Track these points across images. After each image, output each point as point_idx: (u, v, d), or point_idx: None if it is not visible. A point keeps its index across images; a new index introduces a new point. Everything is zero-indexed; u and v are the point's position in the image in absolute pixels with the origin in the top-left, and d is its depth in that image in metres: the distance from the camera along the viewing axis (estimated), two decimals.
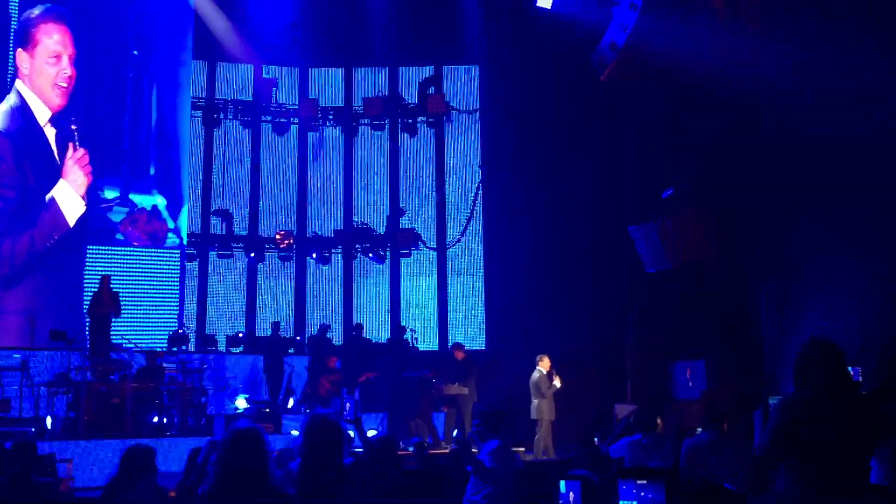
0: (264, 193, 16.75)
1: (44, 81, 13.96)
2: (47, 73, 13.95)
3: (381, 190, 16.94)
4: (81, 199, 14.06)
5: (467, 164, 16.79)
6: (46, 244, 13.75)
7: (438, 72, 17.04)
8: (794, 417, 3.80)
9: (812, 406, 3.80)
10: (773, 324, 12.26)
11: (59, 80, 13.96)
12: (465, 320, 16.21)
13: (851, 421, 3.76)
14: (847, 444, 3.74)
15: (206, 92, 16.53)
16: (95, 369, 10.82)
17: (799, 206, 11.52)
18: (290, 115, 16.90)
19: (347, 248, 16.64)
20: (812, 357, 3.91)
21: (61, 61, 14.00)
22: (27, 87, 13.94)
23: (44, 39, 13.96)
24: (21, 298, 13.57)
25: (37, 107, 13.97)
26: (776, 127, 11.73)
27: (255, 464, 3.56)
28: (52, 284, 13.77)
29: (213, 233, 16.24)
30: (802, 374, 3.93)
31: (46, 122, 14.04)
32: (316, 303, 16.50)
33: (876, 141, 10.04)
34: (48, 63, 13.96)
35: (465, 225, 16.54)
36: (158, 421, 10.97)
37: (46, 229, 13.77)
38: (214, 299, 16.06)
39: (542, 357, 11.94)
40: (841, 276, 10.90)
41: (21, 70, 13.92)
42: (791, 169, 11.41)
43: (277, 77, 16.90)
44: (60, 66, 13.99)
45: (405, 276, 16.60)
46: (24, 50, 13.94)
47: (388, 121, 17.04)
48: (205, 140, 16.46)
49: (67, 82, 14.04)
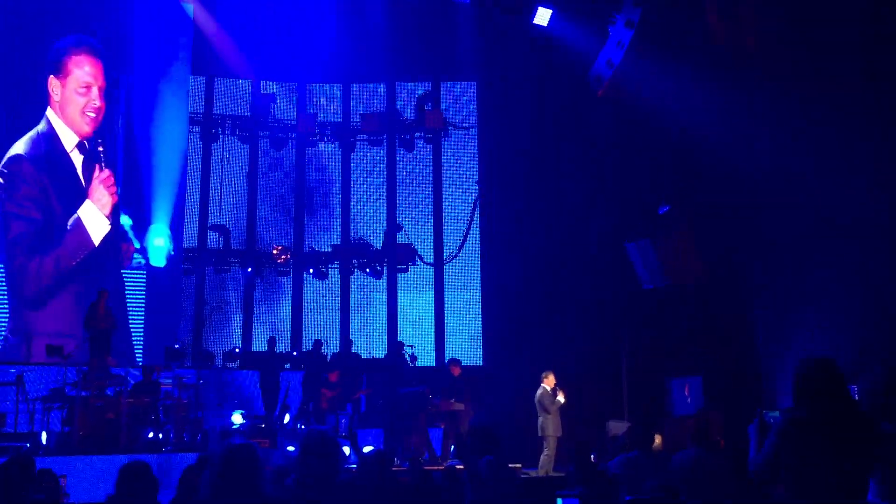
0: (262, 208, 16.77)
1: (73, 110, 14.29)
2: (77, 102, 14.29)
3: (379, 205, 16.96)
4: (106, 218, 14.22)
5: (464, 179, 16.82)
6: (72, 263, 13.83)
7: (436, 88, 17.12)
8: (793, 437, 3.80)
9: (811, 425, 3.80)
10: (768, 341, 12.28)
11: (89, 109, 14.31)
12: (462, 336, 16.19)
13: (850, 440, 3.75)
14: (845, 463, 3.73)
15: (204, 107, 16.58)
16: (90, 384, 10.79)
17: (794, 222, 11.58)
18: (288, 130, 16.94)
19: (344, 263, 16.65)
20: (810, 376, 3.91)
21: (91, 92, 14.34)
22: (56, 114, 14.25)
23: (75, 70, 14.32)
24: (51, 319, 13.55)
25: (64, 134, 14.24)
26: None
27: (249, 480, 3.54)
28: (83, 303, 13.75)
29: (210, 247, 16.24)
30: (801, 393, 3.93)
31: (73, 148, 14.28)
32: (313, 318, 16.48)
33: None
34: (78, 93, 14.29)
35: (462, 240, 16.55)
36: (154, 436, 10.92)
37: (71, 249, 13.88)
38: (211, 314, 16.03)
39: (546, 374, 11.87)
40: (837, 294, 10.92)
41: (52, 97, 14.23)
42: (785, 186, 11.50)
43: (275, 92, 16.95)
44: (90, 97, 14.32)
45: (402, 291, 16.60)
46: (56, 78, 14.25)
47: (386, 136, 17.10)
48: (203, 155, 16.49)
49: (96, 112, 14.35)
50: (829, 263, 11.08)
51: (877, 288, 10.32)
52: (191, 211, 16.05)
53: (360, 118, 17.04)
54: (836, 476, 3.72)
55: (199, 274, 16.05)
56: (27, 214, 13.74)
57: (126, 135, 15.18)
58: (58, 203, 13.96)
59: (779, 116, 11.40)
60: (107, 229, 14.20)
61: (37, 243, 13.72)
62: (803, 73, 11.03)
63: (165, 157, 15.26)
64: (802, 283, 11.66)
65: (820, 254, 11.19)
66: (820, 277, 11.24)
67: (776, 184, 11.64)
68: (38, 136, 14.08)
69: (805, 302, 11.58)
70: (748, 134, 11.79)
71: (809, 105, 10.91)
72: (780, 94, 11.35)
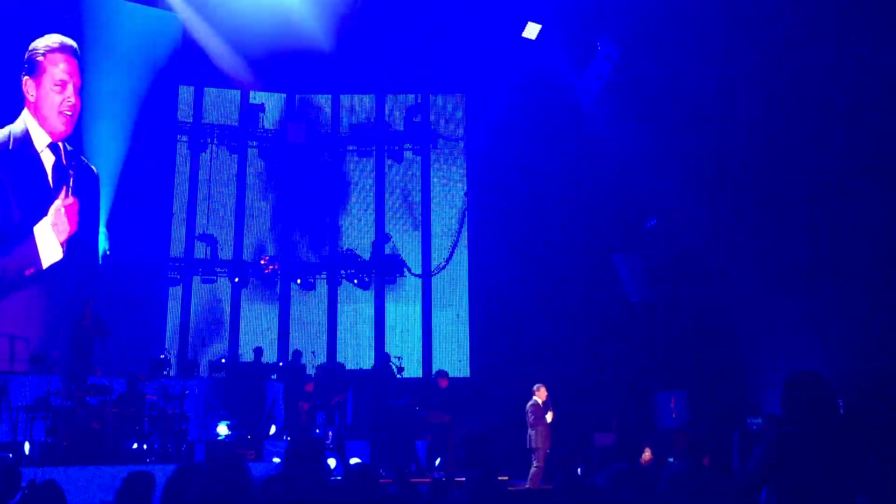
0: (249, 218, 16.73)
1: (49, 108, 14.18)
2: (52, 100, 14.18)
3: (367, 216, 16.96)
4: (61, 246, 13.97)
5: (453, 191, 16.85)
6: (16, 278, 13.55)
7: (425, 100, 17.16)
8: (783, 451, 3.81)
9: (801, 440, 3.81)
10: (754, 354, 12.34)
11: (64, 107, 14.19)
12: (449, 348, 16.18)
13: (838, 454, 3.77)
14: (834, 477, 3.75)
15: (193, 116, 16.55)
16: (74, 394, 10.70)
17: (781, 235, 11.68)
18: (276, 140, 16.93)
19: (332, 273, 16.63)
20: (800, 390, 3.92)
21: (66, 89, 14.22)
22: (31, 114, 14.12)
23: (50, 68, 14.23)
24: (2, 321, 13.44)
25: (37, 134, 14.09)
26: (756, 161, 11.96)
27: (236, 490, 3.54)
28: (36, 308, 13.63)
29: (197, 257, 16.18)
30: (790, 408, 3.94)
31: (45, 148, 14.12)
32: (299, 329, 16.42)
33: (857, 173, 10.25)
34: (53, 90, 14.18)
35: (450, 252, 16.57)
36: (139, 447, 10.83)
37: (18, 262, 13.62)
38: (197, 324, 15.96)
39: (538, 386, 11.76)
40: (822, 308, 11.00)
41: (27, 98, 14.11)
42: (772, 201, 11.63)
43: (264, 102, 16.95)
44: (65, 95, 14.20)
45: (389, 302, 16.58)
46: (31, 78, 14.15)
47: (375, 147, 17.12)
48: (191, 164, 16.44)
49: (71, 110, 14.24)
50: (814, 278, 11.17)
51: (862, 302, 10.40)
52: (178, 220, 16.00)
53: (348, 129, 17.06)
54: (824, 489, 3.73)
55: (186, 283, 15.98)
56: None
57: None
58: (17, 207, 13.68)
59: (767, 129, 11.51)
60: (58, 257, 13.91)
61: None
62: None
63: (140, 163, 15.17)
64: (788, 298, 11.75)
65: (806, 268, 11.28)
66: (805, 292, 11.33)
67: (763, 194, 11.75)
68: (9, 133, 13.89)
69: (791, 316, 11.66)
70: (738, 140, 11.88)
71: None
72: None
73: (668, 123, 12.86)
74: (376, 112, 17.23)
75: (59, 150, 14.18)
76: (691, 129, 12.58)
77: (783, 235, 11.57)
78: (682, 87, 12.40)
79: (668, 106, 12.76)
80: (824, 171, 10.74)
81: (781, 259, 11.68)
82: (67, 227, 14.07)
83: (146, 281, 15.08)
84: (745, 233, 12.33)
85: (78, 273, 14.19)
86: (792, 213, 11.42)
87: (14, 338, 13.24)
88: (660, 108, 12.79)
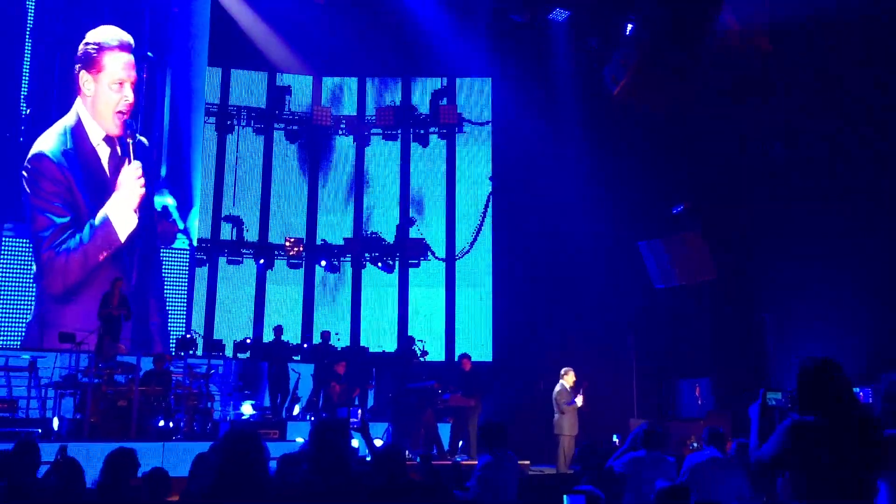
0: (275, 200, 16.83)
1: (105, 107, 14.34)
2: (110, 98, 14.33)
3: (392, 199, 16.99)
4: (134, 213, 14.28)
5: (478, 175, 16.83)
6: (98, 259, 13.97)
7: (451, 83, 17.12)
8: (799, 441, 3.79)
9: (817, 430, 3.79)
10: (778, 343, 12.26)
11: (121, 106, 14.34)
12: (472, 331, 16.21)
13: (855, 444, 3.74)
14: (851, 467, 3.73)
15: (220, 98, 16.65)
16: (102, 372, 10.86)
17: (805, 225, 11.58)
18: (302, 122, 16.98)
19: (356, 256, 16.70)
20: (814, 378, 3.90)
21: (123, 88, 14.40)
22: (87, 107, 14.27)
23: (109, 66, 14.35)
24: (77, 312, 13.66)
25: (92, 128, 14.31)
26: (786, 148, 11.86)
27: (253, 466, 3.59)
28: None
29: (223, 238, 16.32)
30: (805, 396, 3.91)
31: (100, 142, 14.36)
32: (324, 311, 16.53)
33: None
34: (112, 89, 14.33)
35: (474, 236, 16.56)
36: (164, 425, 10.98)
37: (99, 244, 14.03)
38: (223, 304, 16.11)
39: (566, 370, 11.66)
40: (847, 296, 10.91)
41: (83, 91, 14.26)
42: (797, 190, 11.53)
43: (291, 85, 16.99)
44: (123, 93, 14.38)
45: (413, 285, 16.63)
46: (87, 71, 14.28)
47: (400, 131, 17.12)
48: (217, 146, 16.56)
49: (127, 109, 14.41)
50: (839, 265, 11.07)
51: (887, 290, 10.30)
52: (205, 201, 16.13)
53: (374, 112, 17.07)
54: (843, 480, 3.71)
55: (212, 264, 16.13)
56: (52, 210, 13.88)
57: (172, 116, 15.28)
58: (84, 198, 14.08)
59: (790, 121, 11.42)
60: (134, 224, 14.26)
61: (64, 239, 13.84)
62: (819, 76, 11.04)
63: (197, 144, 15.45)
64: (812, 285, 11.64)
65: (830, 256, 11.18)
66: (830, 279, 11.23)
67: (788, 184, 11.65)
68: (65, 130, 14.13)
69: (815, 304, 11.56)
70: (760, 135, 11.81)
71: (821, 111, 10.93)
72: (792, 97, 11.36)
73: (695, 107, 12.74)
74: (402, 95, 17.22)
75: (113, 143, 14.44)
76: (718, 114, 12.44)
77: (810, 217, 11.44)
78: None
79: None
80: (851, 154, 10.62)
81: (808, 242, 11.57)
82: (138, 192, 14.35)
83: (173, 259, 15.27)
84: (772, 216, 12.21)
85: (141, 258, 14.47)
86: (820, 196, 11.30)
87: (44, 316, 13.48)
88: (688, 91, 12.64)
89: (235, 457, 3.59)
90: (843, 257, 10.96)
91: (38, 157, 13.91)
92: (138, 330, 13.67)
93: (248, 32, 15.98)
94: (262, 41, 16.10)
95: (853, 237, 10.74)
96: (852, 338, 10.37)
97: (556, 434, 11.54)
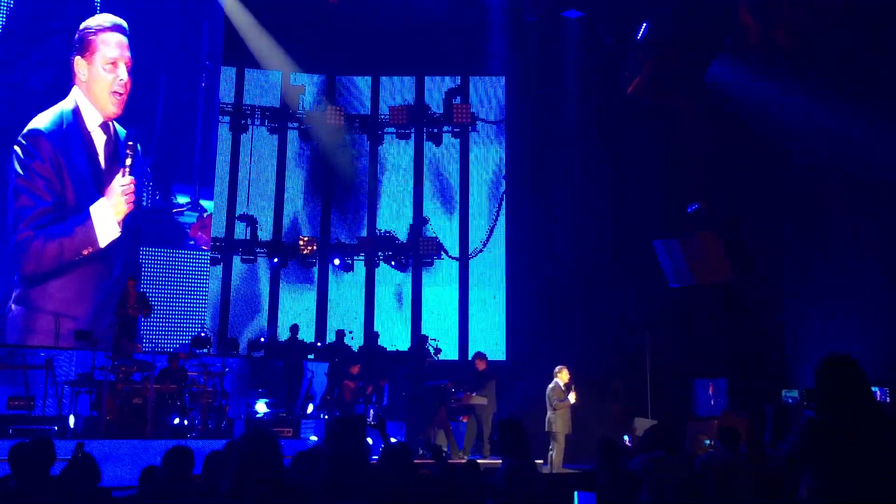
0: (289, 199, 16.86)
1: (100, 88, 14.26)
2: (104, 79, 14.25)
3: (405, 198, 16.99)
4: (118, 225, 14.16)
5: (491, 174, 16.80)
6: (74, 258, 13.84)
7: (465, 82, 17.09)
8: (816, 441, 3.76)
9: (833, 429, 3.75)
10: (795, 342, 12.18)
11: (116, 86, 14.24)
12: (485, 331, 16.19)
13: (873, 443, 3.70)
14: (869, 467, 3.69)
15: (234, 98, 16.69)
16: (117, 370, 10.91)
17: (822, 224, 11.51)
18: (316, 121, 16.98)
19: (370, 255, 16.70)
20: (831, 377, 3.86)
21: (118, 68, 14.29)
22: (82, 93, 14.23)
23: (101, 47, 14.29)
24: (55, 294, 13.71)
25: (89, 112, 14.23)
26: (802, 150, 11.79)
27: (271, 466, 3.61)
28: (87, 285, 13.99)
29: (237, 238, 16.36)
30: (822, 395, 3.88)
31: (96, 127, 14.27)
32: (337, 309, 16.55)
33: None
34: (105, 69, 14.26)
35: (487, 235, 16.54)
36: (179, 423, 11.02)
37: (77, 242, 13.91)
38: (237, 303, 16.16)
39: (560, 368, 11.69)
40: (866, 295, 10.82)
41: (78, 77, 14.21)
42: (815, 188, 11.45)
43: (305, 84, 17.01)
44: (117, 73, 14.28)
45: (427, 284, 16.62)
46: (82, 57, 14.25)
47: (414, 130, 17.11)
48: (231, 145, 16.60)
49: (123, 89, 14.30)
50: (857, 266, 10.99)
51: None
52: (219, 200, 16.18)
53: (388, 111, 17.07)
54: (861, 479, 3.67)
55: (227, 263, 16.18)
56: (36, 192, 13.69)
57: (205, 121, 15.40)
58: (71, 185, 13.92)
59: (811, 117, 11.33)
60: (115, 235, 14.11)
61: (43, 223, 13.69)
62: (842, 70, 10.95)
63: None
64: (831, 284, 11.56)
65: (850, 255, 11.10)
66: (849, 278, 11.15)
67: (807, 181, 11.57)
68: (62, 112, 14.05)
69: (834, 303, 11.48)
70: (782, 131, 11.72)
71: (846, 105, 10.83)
72: (816, 93, 11.27)
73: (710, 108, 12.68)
74: (416, 94, 17.21)
75: (109, 129, 14.36)
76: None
77: (827, 217, 11.37)
78: None
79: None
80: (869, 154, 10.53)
81: (825, 243, 11.49)
82: (125, 207, 14.25)
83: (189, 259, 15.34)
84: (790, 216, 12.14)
85: (126, 251, 14.47)
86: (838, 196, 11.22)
87: (59, 315, 13.54)
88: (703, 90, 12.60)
89: (253, 457, 3.61)
90: (860, 258, 10.88)
91: (33, 133, 13.77)
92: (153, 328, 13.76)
93: (262, 32, 16.00)
94: (275, 40, 16.13)
95: (871, 237, 10.66)
96: (869, 338, 10.28)
97: (547, 431, 11.52)
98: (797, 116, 11.54)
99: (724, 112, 12.60)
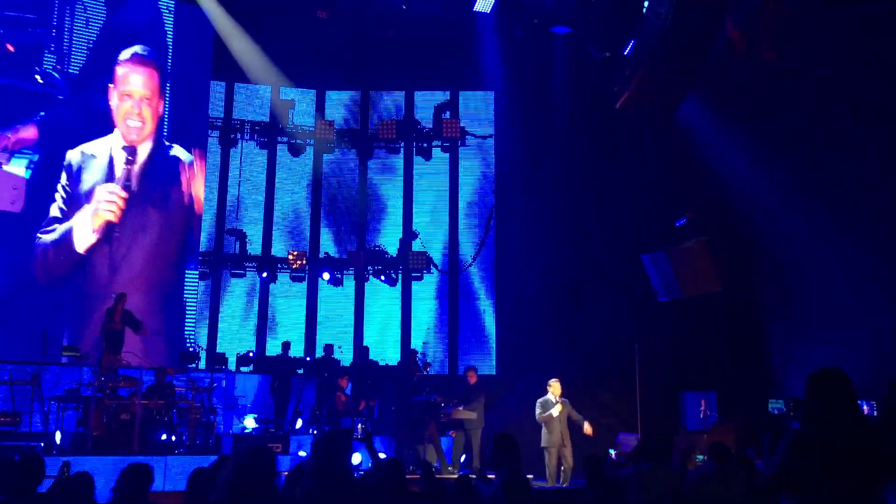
0: (278, 214, 16.84)
1: (119, 117, 15.04)
2: (121, 108, 15.05)
3: (395, 213, 16.99)
4: (93, 232, 14.34)
5: (481, 188, 16.84)
6: (60, 262, 14.09)
7: (454, 96, 17.15)
8: (801, 454, 3.77)
9: (819, 443, 3.76)
10: (783, 356, 12.22)
11: (130, 118, 15.01)
12: (475, 345, 16.17)
13: (858, 456, 3.71)
14: (853, 479, 3.70)
15: (224, 112, 16.69)
16: (105, 386, 10.85)
17: (809, 237, 11.55)
18: (305, 136, 17.01)
19: (359, 269, 16.67)
20: (819, 388, 3.87)
21: (132, 99, 15.06)
22: (115, 119, 15.01)
23: (121, 79, 15.09)
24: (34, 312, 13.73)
25: (116, 136, 14.97)
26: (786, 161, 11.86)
27: (265, 482, 3.60)
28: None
29: (226, 252, 16.33)
30: (810, 406, 3.89)
31: (119, 151, 14.90)
32: (327, 324, 16.51)
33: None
34: (122, 100, 15.04)
35: (477, 249, 16.55)
36: (167, 439, 10.95)
37: (63, 249, 14.14)
38: (226, 318, 16.10)
39: (551, 382, 11.77)
40: (853, 308, 10.87)
41: (111, 106, 15.00)
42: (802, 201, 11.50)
43: (294, 98, 17.04)
44: (132, 105, 15.03)
45: (416, 299, 16.60)
46: (114, 88, 15.06)
47: (403, 144, 17.14)
48: (221, 159, 16.58)
49: (140, 120, 15.06)
50: (845, 277, 11.04)
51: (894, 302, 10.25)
52: (208, 215, 16.15)
53: (377, 125, 17.10)
54: (846, 493, 3.68)
55: (215, 277, 16.13)
56: (57, 201, 14.24)
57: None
58: (86, 201, 14.43)
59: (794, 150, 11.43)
60: (93, 241, 14.33)
61: (48, 231, 14.10)
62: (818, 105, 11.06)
63: None
64: (818, 298, 11.61)
65: (836, 268, 11.15)
66: (836, 292, 11.19)
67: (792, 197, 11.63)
68: (103, 139, 14.81)
69: (821, 317, 11.53)
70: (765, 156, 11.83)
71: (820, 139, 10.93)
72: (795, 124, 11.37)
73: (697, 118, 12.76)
74: (405, 108, 17.26)
75: (134, 153, 14.93)
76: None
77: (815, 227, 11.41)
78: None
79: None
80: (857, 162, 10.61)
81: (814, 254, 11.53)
82: (105, 215, 14.45)
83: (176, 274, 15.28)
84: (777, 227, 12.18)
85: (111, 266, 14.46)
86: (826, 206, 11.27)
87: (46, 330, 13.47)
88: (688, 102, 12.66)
89: (247, 472, 3.60)
90: (849, 268, 10.92)
91: (73, 154, 14.51)
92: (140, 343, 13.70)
93: (252, 46, 16.04)
94: (265, 55, 16.17)
95: (860, 248, 10.70)
96: (856, 350, 10.32)
97: (542, 447, 11.56)
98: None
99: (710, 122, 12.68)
